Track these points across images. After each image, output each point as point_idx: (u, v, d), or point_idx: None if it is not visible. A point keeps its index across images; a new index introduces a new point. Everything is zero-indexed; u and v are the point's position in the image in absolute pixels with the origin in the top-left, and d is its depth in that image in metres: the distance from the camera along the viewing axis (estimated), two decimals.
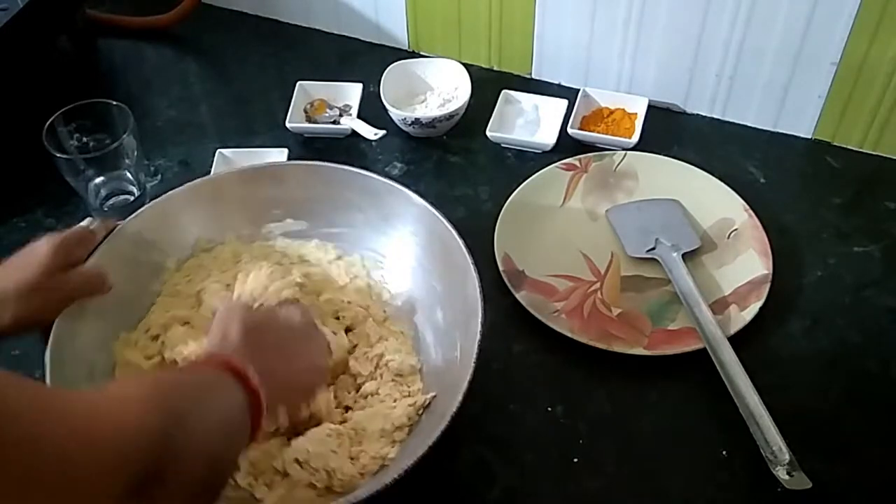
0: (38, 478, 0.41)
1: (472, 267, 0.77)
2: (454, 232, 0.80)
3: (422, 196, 0.84)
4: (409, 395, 0.78)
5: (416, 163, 1.05)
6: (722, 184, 0.97)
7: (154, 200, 0.86)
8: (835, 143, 1.05)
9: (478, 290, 0.75)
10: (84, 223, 0.82)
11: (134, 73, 1.21)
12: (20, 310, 0.71)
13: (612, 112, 1.07)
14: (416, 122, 1.05)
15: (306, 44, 1.23)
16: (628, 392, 0.83)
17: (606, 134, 1.05)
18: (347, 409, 0.78)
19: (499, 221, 0.94)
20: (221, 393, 0.59)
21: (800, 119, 1.04)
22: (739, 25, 0.99)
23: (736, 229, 0.94)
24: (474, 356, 0.71)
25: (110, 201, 0.97)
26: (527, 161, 1.04)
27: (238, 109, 1.14)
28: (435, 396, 0.76)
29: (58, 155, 0.91)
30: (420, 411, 0.76)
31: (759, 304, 0.86)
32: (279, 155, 1.02)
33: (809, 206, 0.99)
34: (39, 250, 0.74)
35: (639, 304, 0.89)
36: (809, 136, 1.05)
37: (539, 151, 1.05)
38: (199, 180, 0.88)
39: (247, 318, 0.69)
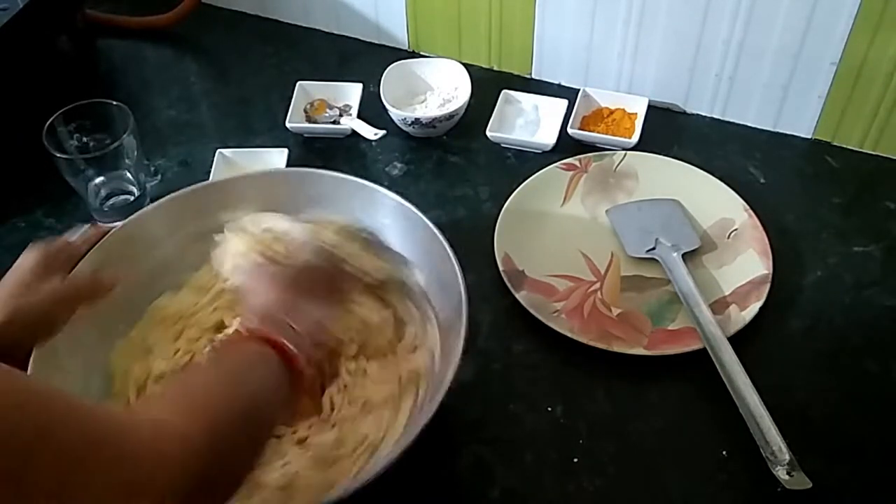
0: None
1: (458, 273, 0.76)
2: (435, 229, 0.80)
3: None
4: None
5: (416, 163, 1.05)
6: (722, 184, 0.97)
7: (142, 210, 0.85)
8: (835, 143, 1.05)
9: (462, 291, 0.75)
10: (69, 234, 0.82)
11: (134, 73, 1.21)
12: (11, 310, 0.70)
13: (612, 112, 1.07)
14: (416, 122, 1.05)
15: (306, 44, 1.23)
16: (628, 392, 0.83)
17: (606, 134, 1.05)
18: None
19: (499, 221, 0.94)
20: (261, 370, 0.60)
21: (800, 119, 1.04)
22: (739, 25, 0.99)
23: (736, 229, 0.94)
24: (458, 358, 0.70)
25: (110, 201, 0.97)
26: (527, 161, 1.04)
27: (238, 109, 1.14)
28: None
29: (58, 155, 0.91)
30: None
31: (759, 304, 0.86)
32: (279, 155, 1.02)
33: (809, 206, 0.99)
34: (20, 261, 0.74)
35: (639, 304, 0.89)
36: (809, 136, 1.05)
37: (539, 151, 1.05)
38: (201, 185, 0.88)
39: (277, 276, 0.70)
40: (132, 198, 0.97)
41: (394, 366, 0.79)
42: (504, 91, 1.09)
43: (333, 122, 1.08)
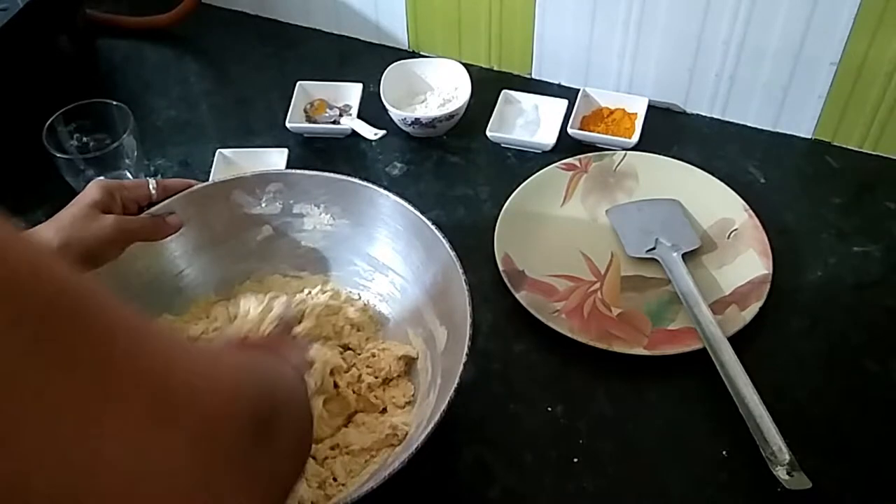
0: (171, 413, 0.37)
1: (462, 278, 0.75)
2: (434, 228, 0.79)
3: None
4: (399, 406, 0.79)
5: (416, 163, 1.05)
6: (722, 184, 0.97)
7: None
8: (835, 143, 1.05)
9: (468, 302, 0.74)
10: (146, 180, 0.83)
11: (134, 73, 1.21)
12: (65, 240, 0.73)
13: (612, 112, 1.07)
14: (416, 122, 1.05)
15: (306, 44, 1.23)
16: (628, 392, 0.83)
17: (606, 134, 1.05)
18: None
19: (499, 221, 0.94)
20: (290, 373, 0.57)
21: (800, 119, 1.04)
22: (739, 25, 0.99)
23: (736, 229, 0.94)
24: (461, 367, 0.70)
25: None
26: (527, 161, 1.04)
27: (238, 109, 1.14)
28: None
29: (58, 155, 0.91)
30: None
31: (759, 304, 0.86)
32: (279, 155, 1.02)
33: (809, 206, 0.99)
34: (82, 193, 0.77)
35: (639, 304, 0.89)
36: (809, 136, 1.05)
37: (539, 151, 1.05)
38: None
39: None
40: None
41: (386, 416, 0.79)
42: (504, 91, 1.09)
43: (333, 122, 1.08)
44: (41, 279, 0.33)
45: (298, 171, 0.88)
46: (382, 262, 0.86)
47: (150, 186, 0.82)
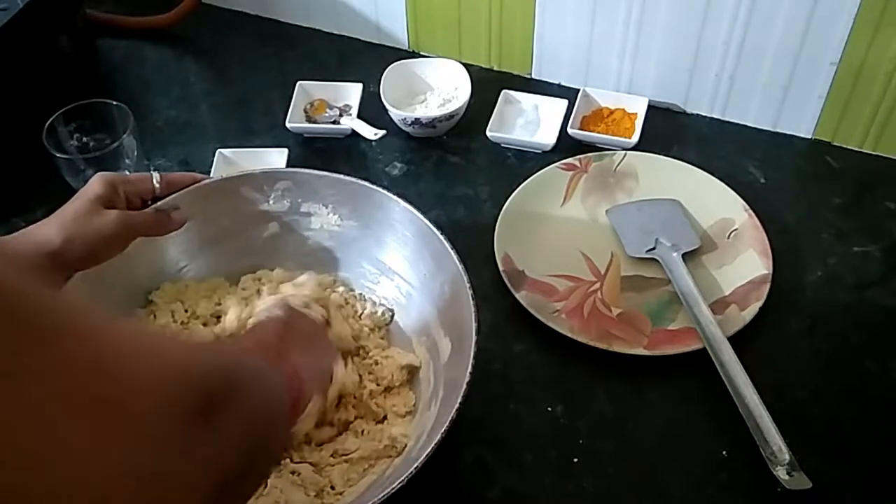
0: (113, 407, 0.38)
1: (467, 285, 0.75)
2: (443, 239, 0.79)
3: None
4: (400, 415, 0.79)
5: (416, 163, 1.05)
6: (722, 184, 0.97)
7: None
8: (835, 143, 1.05)
9: (473, 312, 0.74)
10: (149, 174, 0.83)
11: (134, 73, 1.21)
12: (68, 237, 0.72)
13: (612, 112, 1.07)
14: (416, 122, 1.05)
15: (306, 44, 1.23)
16: (628, 392, 0.83)
17: (606, 134, 1.05)
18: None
19: (499, 221, 0.94)
20: (265, 372, 0.57)
21: (800, 119, 1.04)
22: (739, 25, 0.99)
23: (736, 229, 0.94)
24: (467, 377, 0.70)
25: None
26: (527, 161, 1.04)
27: (238, 109, 1.14)
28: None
29: (58, 155, 0.91)
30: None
31: (759, 304, 0.86)
32: (279, 155, 1.02)
33: (809, 206, 0.99)
34: (86, 188, 0.76)
35: (639, 304, 0.89)
36: (809, 136, 1.05)
37: (539, 151, 1.05)
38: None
39: (285, 317, 0.70)
40: None
41: (386, 425, 0.78)
42: (504, 91, 1.09)
43: (333, 122, 1.08)
44: None
45: (307, 171, 0.88)
46: (389, 267, 0.86)
47: (154, 180, 0.81)
